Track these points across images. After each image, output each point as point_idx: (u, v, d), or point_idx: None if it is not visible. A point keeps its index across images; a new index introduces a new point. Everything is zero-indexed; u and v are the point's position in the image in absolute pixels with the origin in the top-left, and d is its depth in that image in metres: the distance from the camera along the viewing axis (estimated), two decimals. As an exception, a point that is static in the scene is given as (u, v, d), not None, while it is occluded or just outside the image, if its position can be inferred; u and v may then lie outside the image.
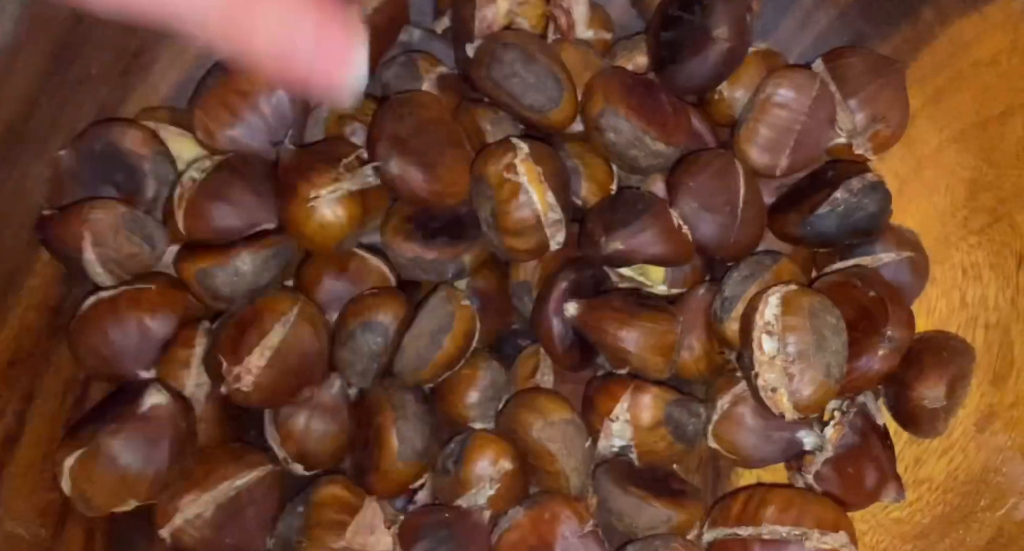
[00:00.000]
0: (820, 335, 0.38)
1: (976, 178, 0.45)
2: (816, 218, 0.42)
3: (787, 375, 0.38)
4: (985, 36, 0.43)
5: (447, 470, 0.41)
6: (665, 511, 0.41)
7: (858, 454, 0.42)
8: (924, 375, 0.41)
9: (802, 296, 0.39)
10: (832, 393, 0.39)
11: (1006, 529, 0.43)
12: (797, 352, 0.38)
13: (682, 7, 0.42)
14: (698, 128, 0.44)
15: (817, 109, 0.42)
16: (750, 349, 0.39)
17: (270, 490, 0.41)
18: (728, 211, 0.41)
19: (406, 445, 0.40)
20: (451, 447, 0.42)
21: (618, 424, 0.41)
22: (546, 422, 0.41)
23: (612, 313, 0.40)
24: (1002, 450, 0.44)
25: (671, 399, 0.41)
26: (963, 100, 0.44)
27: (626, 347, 0.40)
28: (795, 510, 0.40)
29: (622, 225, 0.40)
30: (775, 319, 0.39)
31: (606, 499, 0.42)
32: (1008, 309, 0.44)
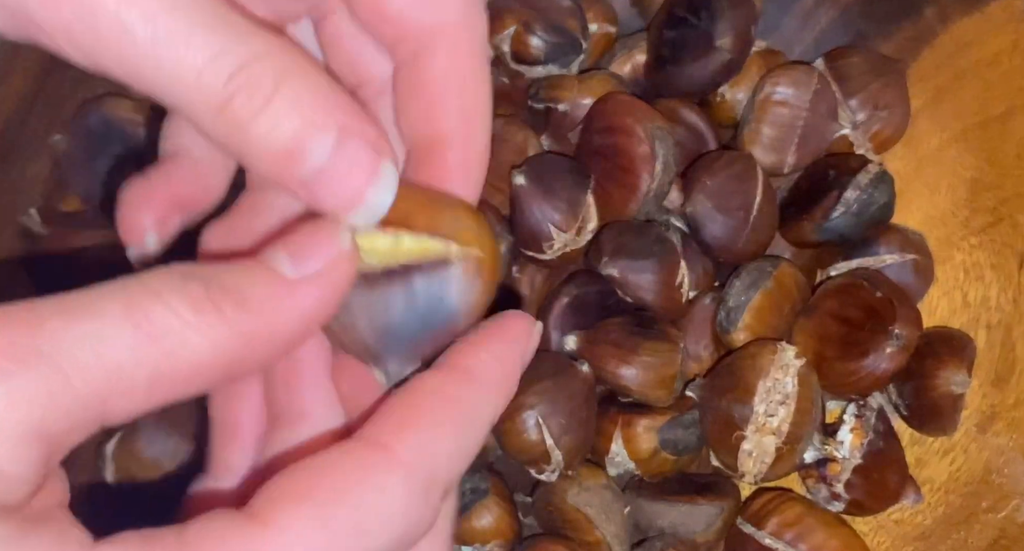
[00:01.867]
0: (815, 422, 0.39)
1: (977, 178, 0.44)
2: (832, 222, 0.42)
3: (771, 451, 0.39)
4: (986, 35, 0.43)
5: None
6: (715, 505, 0.41)
7: (882, 458, 0.41)
8: (944, 362, 0.42)
9: (811, 374, 0.40)
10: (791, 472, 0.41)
11: (1008, 531, 0.43)
12: (796, 436, 0.39)
13: (689, 9, 0.42)
14: (700, 129, 0.44)
15: (818, 104, 0.42)
16: (749, 406, 0.39)
17: None
18: (741, 215, 0.41)
19: None
20: (468, 486, 0.41)
21: (619, 458, 0.41)
22: (581, 487, 0.41)
23: (611, 348, 0.40)
24: (1004, 451, 0.43)
25: (663, 423, 0.41)
26: (964, 100, 0.44)
27: (626, 384, 0.40)
28: (796, 529, 0.40)
29: (628, 255, 0.40)
30: (790, 398, 0.39)
31: (651, 518, 0.41)
32: (1010, 309, 0.44)
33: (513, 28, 0.43)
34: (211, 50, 0.21)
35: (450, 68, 0.25)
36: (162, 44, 0.21)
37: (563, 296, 0.41)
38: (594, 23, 0.45)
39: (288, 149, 0.22)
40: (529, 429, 0.39)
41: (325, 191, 0.22)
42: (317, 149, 0.22)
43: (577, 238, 0.41)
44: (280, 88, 0.21)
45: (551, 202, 0.40)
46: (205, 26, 0.21)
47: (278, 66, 0.22)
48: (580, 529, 0.40)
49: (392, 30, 0.26)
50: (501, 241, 0.41)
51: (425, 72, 0.25)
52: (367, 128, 0.23)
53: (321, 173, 0.22)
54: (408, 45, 0.26)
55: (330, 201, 0.23)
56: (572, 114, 0.43)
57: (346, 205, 0.23)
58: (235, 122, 0.22)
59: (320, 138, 0.22)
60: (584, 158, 0.42)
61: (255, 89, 0.21)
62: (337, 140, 0.22)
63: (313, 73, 0.22)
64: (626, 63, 0.45)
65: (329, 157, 0.22)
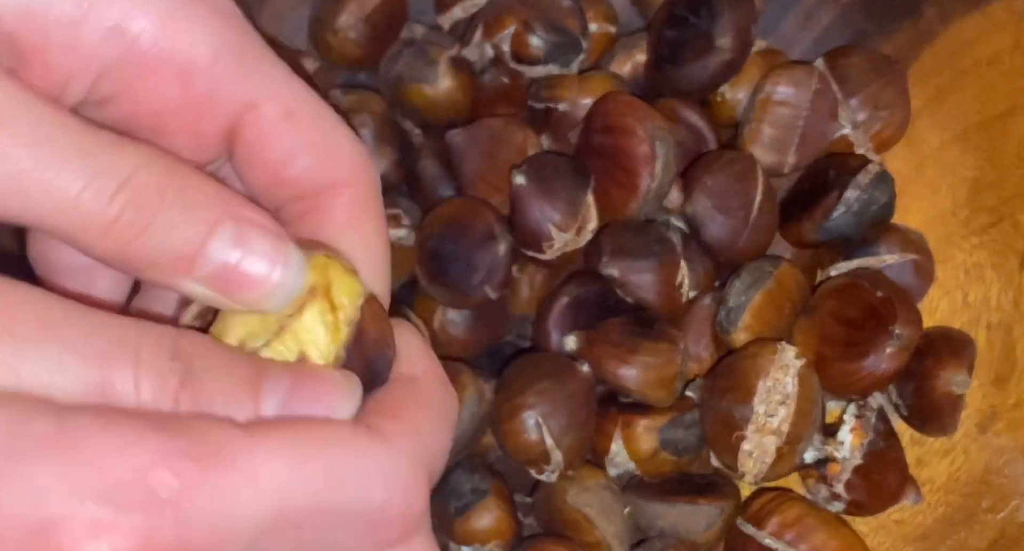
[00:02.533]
0: (815, 422, 0.39)
1: (978, 178, 0.44)
2: (833, 222, 0.42)
3: (771, 451, 0.39)
4: (987, 35, 0.43)
5: (449, 506, 0.41)
6: (715, 505, 0.41)
7: (882, 458, 0.41)
8: (944, 362, 0.42)
9: (812, 375, 0.40)
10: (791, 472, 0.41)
11: (1008, 531, 0.43)
12: (796, 436, 0.39)
13: (689, 8, 0.42)
14: (701, 129, 0.44)
15: (818, 103, 0.42)
16: (749, 406, 0.39)
17: None
18: (741, 215, 0.41)
19: None
20: (468, 486, 0.41)
21: (619, 458, 0.41)
22: (581, 488, 0.41)
23: (611, 349, 0.40)
24: (1004, 451, 0.43)
25: (663, 423, 0.41)
26: (965, 99, 0.44)
27: (627, 384, 0.40)
28: (796, 529, 0.40)
29: (629, 256, 0.40)
30: (790, 398, 0.39)
31: (652, 519, 0.41)
32: (1010, 310, 0.44)
33: (513, 28, 0.43)
34: (88, 173, 0.20)
35: (348, 225, 0.25)
36: (29, 178, 0.20)
37: (563, 296, 0.41)
38: (594, 23, 0.45)
39: (187, 255, 0.21)
40: (529, 429, 0.39)
41: (234, 286, 0.22)
42: (219, 248, 0.21)
43: (577, 238, 0.41)
44: (167, 195, 0.21)
45: (551, 202, 0.40)
46: (76, 151, 0.20)
47: (161, 173, 0.21)
48: (580, 529, 0.40)
49: (288, 191, 0.25)
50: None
51: (321, 230, 0.25)
52: (262, 217, 0.22)
53: (226, 270, 0.22)
54: (299, 204, 0.25)
55: (240, 296, 0.22)
56: (572, 114, 0.43)
57: (259, 297, 0.22)
58: (123, 241, 0.21)
59: (220, 236, 0.21)
60: (584, 158, 0.42)
61: (141, 204, 0.20)
62: (236, 233, 0.22)
63: (195, 173, 0.22)
64: (626, 63, 0.45)
65: (232, 252, 0.21)
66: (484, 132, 0.43)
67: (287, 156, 0.24)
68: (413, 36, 0.46)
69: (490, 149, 0.42)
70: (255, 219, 0.22)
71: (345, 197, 0.25)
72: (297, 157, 0.24)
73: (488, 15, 0.44)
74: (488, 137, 0.43)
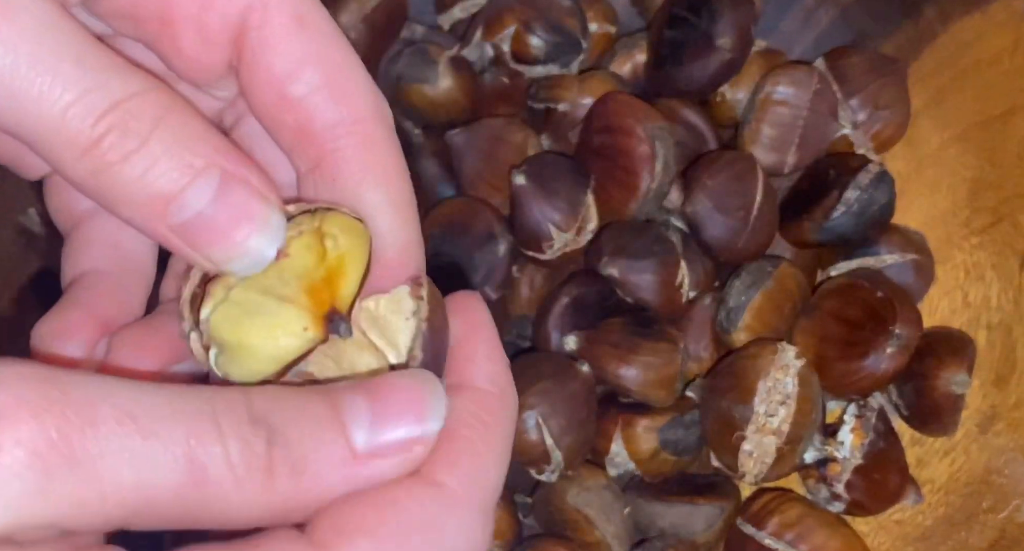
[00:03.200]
0: (815, 422, 0.39)
1: (978, 178, 0.44)
2: (833, 222, 0.42)
3: (771, 451, 0.39)
4: (987, 35, 0.43)
5: None
6: (715, 505, 0.41)
7: (882, 458, 0.41)
8: (944, 362, 0.42)
9: (812, 375, 0.40)
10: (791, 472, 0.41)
11: (1008, 531, 0.43)
12: (796, 436, 0.39)
13: (689, 8, 0.42)
14: (701, 129, 0.44)
15: (818, 103, 0.42)
16: (749, 406, 0.39)
17: None
18: (741, 216, 0.41)
19: None
20: None
21: (619, 458, 0.41)
22: (581, 488, 0.41)
23: (611, 349, 0.40)
24: (1005, 451, 0.43)
25: (663, 423, 0.41)
26: (965, 99, 0.44)
27: (627, 384, 0.40)
28: (797, 529, 0.40)
29: (629, 256, 0.40)
30: (790, 398, 0.39)
31: (652, 519, 0.41)
32: (1011, 309, 0.44)
33: (513, 28, 0.43)
34: (81, 86, 0.19)
35: (368, 166, 0.24)
36: (22, 77, 0.19)
37: (563, 296, 0.41)
38: (594, 23, 0.45)
39: (163, 194, 0.20)
40: (529, 429, 0.39)
41: (203, 240, 0.21)
42: (197, 195, 0.20)
43: (577, 238, 0.41)
44: (158, 128, 0.20)
45: (551, 202, 0.40)
46: (75, 59, 0.19)
47: (156, 104, 0.20)
48: (580, 529, 0.40)
49: (295, 123, 0.23)
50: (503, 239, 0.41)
51: (342, 173, 0.24)
52: (252, 175, 0.21)
53: (199, 220, 0.20)
54: (316, 144, 0.23)
55: (208, 251, 0.21)
56: (572, 114, 0.43)
57: (226, 255, 0.21)
58: (102, 165, 0.20)
59: (201, 183, 0.20)
60: (584, 158, 0.42)
61: (128, 129, 0.20)
62: (220, 186, 0.20)
63: (194, 115, 0.21)
64: (626, 63, 0.45)
65: (209, 204, 0.20)
66: (484, 132, 0.43)
67: (294, 67, 0.23)
68: (413, 36, 0.46)
69: (490, 149, 0.42)
70: (243, 174, 0.21)
71: (359, 137, 0.23)
72: (305, 70, 0.23)
73: (488, 15, 0.44)
74: (488, 137, 0.43)
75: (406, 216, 0.24)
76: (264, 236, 0.21)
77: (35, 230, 0.41)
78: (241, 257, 0.21)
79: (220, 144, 0.21)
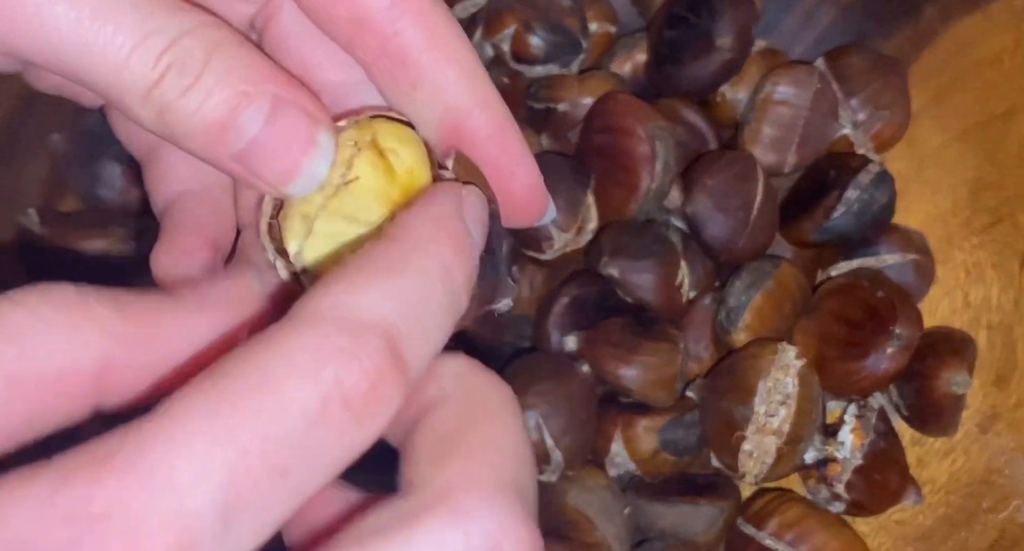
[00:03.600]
0: (816, 423, 0.39)
1: (979, 178, 0.44)
2: (833, 222, 0.42)
3: (771, 451, 0.39)
4: (988, 35, 0.43)
5: None
6: (716, 505, 0.41)
7: (883, 458, 0.41)
8: (945, 362, 0.42)
9: (812, 375, 0.39)
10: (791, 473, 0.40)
11: (1009, 531, 0.43)
12: (796, 437, 0.39)
13: (689, 8, 0.42)
14: (701, 129, 0.44)
15: (819, 103, 0.42)
16: (749, 406, 0.39)
17: None
18: (741, 215, 0.41)
19: None
20: None
21: (619, 459, 0.41)
22: (582, 488, 0.40)
23: (611, 349, 0.40)
24: (1005, 451, 0.43)
25: (663, 423, 0.41)
26: (966, 99, 0.44)
27: (627, 385, 0.40)
28: (797, 529, 0.40)
29: (629, 256, 0.40)
30: (790, 398, 0.39)
31: (652, 519, 0.41)
32: (1011, 310, 0.44)
33: (513, 27, 0.43)
34: (141, 31, 0.20)
35: (433, 41, 0.24)
36: (87, 27, 0.20)
37: (563, 296, 0.41)
38: (594, 22, 0.45)
39: (220, 122, 0.21)
40: (529, 429, 0.39)
41: (260, 164, 0.22)
42: (250, 120, 0.21)
43: (577, 238, 0.41)
44: (210, 61, 0.21)
45: (551, 202, 0.40)
46: (132, 7, 0.20)
47: (208, 39, 0.21)
48: (580, 530, 0.40)
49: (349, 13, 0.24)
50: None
51: (411, 55, 0.24)
52: (302, 97, 0.22)
53: (255, 145, 0.21)
54: (375, 30, 0.24)
55: (266, 174, 0.22)
56: (572, 114, 0.43)
57: (282, 177, 0.22)
58: (165, 102, 0.21)
59: (253, 109, 0.21)
60: (584, 158, 0.42)
61: (185, 65, 0.21)
62: (271, 110, 0.21)
63: (244, 45, 0.22)
64: (626, 62, 0.45)
65: (262, 128, 0.21)
66: (484, 132, 0.43)
67: None
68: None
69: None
70: (292, 96, 0.22)
71: (415, 15, 0.24)
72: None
73: (488, 15, 0.44)
74: (488, 137, 0.43)
75: (484, 89, 0.25)
76: (315, 157, 0.22)
77: (35, 230, 0.41)
78: (296, 179, 0.22)
79: (270, 70, 0.22)
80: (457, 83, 0.24)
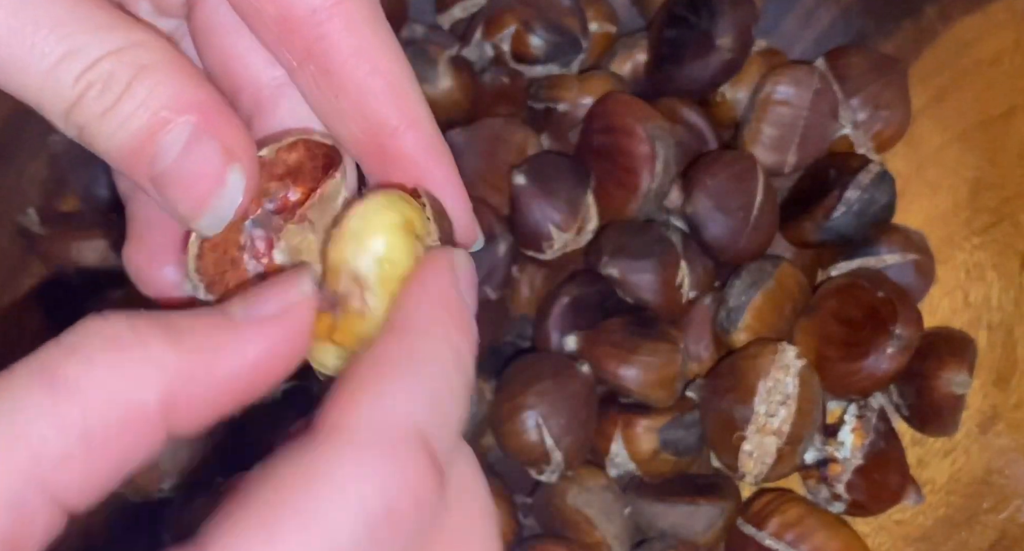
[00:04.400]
0: (816, 423, 0.39)
1: (979, 178, 0.44)
2: (833, 222, 0.42)
3: (771, 451, 0.39)
4: (988, 35, 0.43)
5: None
6: (716, 506, 0.41)
7: (883, 459, 0.41)
8: (945, 362, 0.42)
9: (812, 375, 0.39)
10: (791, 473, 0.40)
11: (1009, 532, 0.43)
12: (796, 437, 0.39)
13: (689, 8, 0.42)
14: (701, 129, 0.44)
15: (819, 103, 0.42)
16: (749, 406, 0.39)
17: None
18: (741, 216, 0.41)
19: None
20: None
21: (619, 459, 0.41)
22: (582, 488, 0.40)
23: (611, 349, 0.40)
24: (1005, 452, 0.43)
25: (663, 423, 0.41)
26: (966, 99, 0.44)
27: (627, 385, 0.40)
28: (797, 530, 0.40)
29: (629, 256, 0.40)
30: (791, 398, 0.39)
31: (652, 519, 0.41)
32: (1011, 310, 0.44)
33: (513, 27, 0.43)
34: (59, 51, 0.20)
35: (360, 50, 0.23)
36: (4, 47, 0.20)
37: (563, 296, 0.41)
38: (594, 22, 0.45)
39: (137, 147, 0.21)
40: (529, 430, 0.39)
41: (172, 194, 0.21)
42: (166, 148, 0.21)
43: (577, 238, 0.41)
44: (133, 84, 0.20)
45: (551, 202, 0.40)
46: (54, 25, 0.20)
47: (135, 60, 0.21)
48: (580, 530, 0.40)
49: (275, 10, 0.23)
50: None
51: (335, 62, 0.23)
52: (224, 128, 0.21)
53: (168, 174, 0.21)
54: (301, 33, 0.23)
55: (177, 205, 0.21)
56: (572, 114, 0.43)
57: (192, 211, 0.21)
58: (84, 120, 0.21)
59: (171, 137, 0.21)
60: (584, 158, 0.42)
61: (107, 86, 0.20)
62: (188, 140, 0.21)
63: (175, 67, 0.21)
64: (626, 62, 0.45)
65: (176, 158, 0.21)
66: (484, 132, 0.43)
67: None
68: (413, 36, 0.46)
69: (490, 149, 0.42)
70: (212, 128, 0.21)
71: (342, 18, 0.23)
72: None
73: (488, 15, 0.44)
74: (488, 137, 0.43)
75: (413, 106, 0.24)
76: (222, 196, 0.21)
77: (35, 230, 0.41)
78: (203, 215, 0.21)
79: (194, 97, 0.21)
80: (383, 96, 0.24)
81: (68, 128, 0.21)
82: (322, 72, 0.23)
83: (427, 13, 0.46)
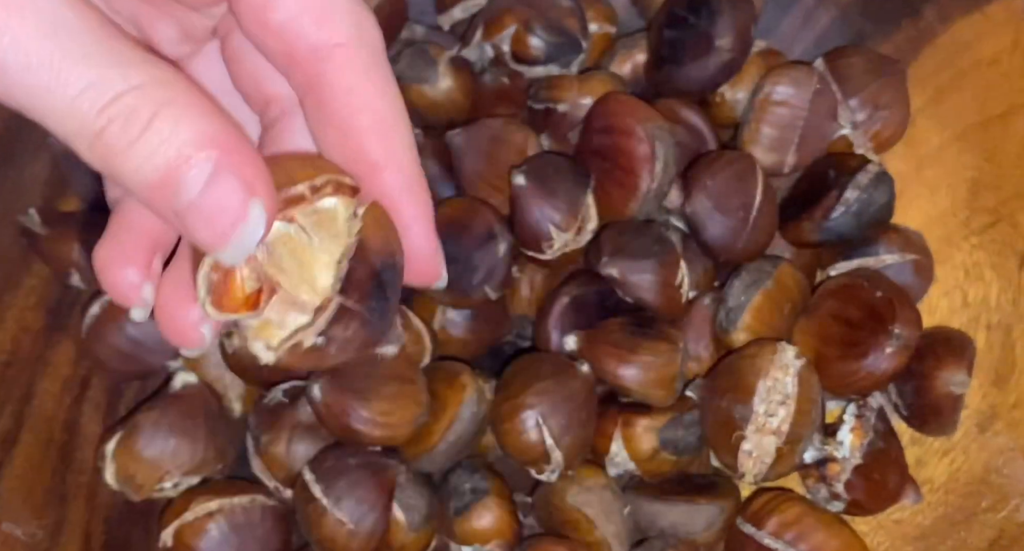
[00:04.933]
0: (815, 422, 0.39)
1: (978, 178, 0.44)
2: (832, 222, 0.42)
3: (771, 451, 0.39)
4: (987, 35, 0.43)
5: (450, 506, 0.41)
6: (715, 505, 0.41)
7: (882, 458, 0.42)
8: (943, 362, 0.42)
9: (812, 375, 0.39)
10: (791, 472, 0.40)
11: (1008, 531, 0.43)
12: (796, 436, 0.39)
13: (689, 8, 0.42)
14: (700, 129, 0.44)
15: (818, 103, 0.42)
16: (749, 406, 0.39)
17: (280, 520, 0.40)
18: (741, 216, 0.41)
19: (413, 513, 0.40)
20: (468, 486, 0.41)
21: (619, 458, 0.41)
22: (581, 487, 0.41)
23: (611, 349, 0.40)
24: (1004, 451, 0.43)
25: (663, 423, 0.41)
26: (964, 99, 0.44)
27: (627, 384, 0.40)
28: (796, 529, 0.40)
29: (628, 256, 0.40)
30: (790, 398, 0.39)
31: (652, 519, 0.41)
32: (1010, 309, 0.44)
33: (513, 28, 0.43)
34: (84, 81, 0.21)
35: (352, 89, 0.25)
36: (33, 73, 0.21)
37: (563, 296, 0.41)
38: (594, 23, 0.45)
39: (160, 182, 0.21)
40: (529, 429, 0.39)
41: (195, 226, 0.22)
42: (189, 184, 0.21)
43: (577, 238, 0.41)
44: (156, 119, 0.21)
45: (551, 202, 0.40)
46: (81, 56, 0.21)
47: (158, 97, 0.21)
48: (580, 529, 0.40)
49: (280, 47, 0.25)
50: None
51: (327, 97, 0.25)
52: (245, 163, 0.22)
53: (192, 208, 0.22)
54: (302, 68, 0.25)
55: (199, 237, 0.22)
56: (572, 114, 0.43)
57: (214, 243, 0.22)
58: (107, 152, 0.21)
59: (193, 173, 0.21)
60: (584, 158, 0.42)
61: (130, 119, 0.21)
62: (211, 175, 0.21)
63: (196, 105, 0.22)
64: (626, 63, 0.45)
65: (200, 193, 0.22)
66: (484, 132, 0.43)
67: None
68: (413, 36, 0.46)
69: (490, 149, 0.42)
70: (234, 164, 0.22)
71: (340, 61, 0.24)
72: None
73: (488, 15, 0.44)
74: (488, 137, 0.43)
75: (396, 145, 0.25)
76: (245, 229, 0.22)
77: (35, 230, 0.41)
78: (226, 247, 0.22)
79: (216, 133, 0.22)
80: (368, 133, 0.25)
81: (92, 158, 0.22)
82: (317, 104, 0.25)
83: (427, 13, 0.46)
